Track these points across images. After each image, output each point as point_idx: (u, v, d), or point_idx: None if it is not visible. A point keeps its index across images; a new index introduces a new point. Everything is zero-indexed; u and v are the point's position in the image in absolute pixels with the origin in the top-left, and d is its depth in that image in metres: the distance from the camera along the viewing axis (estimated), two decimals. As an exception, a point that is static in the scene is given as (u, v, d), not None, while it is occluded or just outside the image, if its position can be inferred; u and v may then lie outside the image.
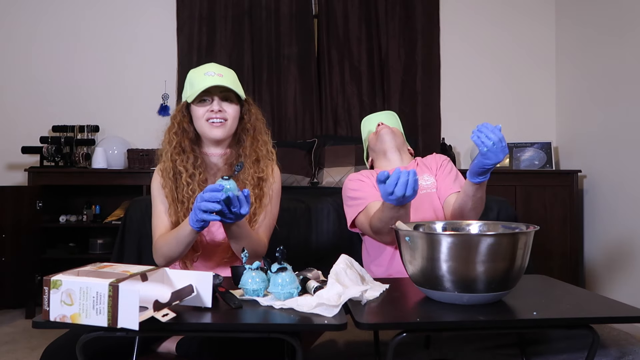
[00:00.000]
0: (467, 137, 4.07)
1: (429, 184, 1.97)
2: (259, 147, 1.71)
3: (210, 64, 1.71)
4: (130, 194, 3.51)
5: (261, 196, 1.68)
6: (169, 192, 1.65)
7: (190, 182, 1.64)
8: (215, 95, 1.65)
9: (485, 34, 4.18)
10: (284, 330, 1.09)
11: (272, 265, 1.22)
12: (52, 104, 3.95)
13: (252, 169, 1.68)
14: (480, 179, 1.56)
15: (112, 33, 4.03)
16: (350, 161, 3.61)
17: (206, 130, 1.66)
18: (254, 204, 1.66)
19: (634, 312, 1.13)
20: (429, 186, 1.95)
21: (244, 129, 1.72)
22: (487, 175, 1.55)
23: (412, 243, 1.19)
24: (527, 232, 1.17)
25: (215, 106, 1.65)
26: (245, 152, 1.70)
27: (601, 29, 3.58)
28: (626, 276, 3.30)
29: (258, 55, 4.05)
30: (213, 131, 1.65)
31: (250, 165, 1.68)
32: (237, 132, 1.72)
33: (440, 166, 2.02)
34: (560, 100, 4.14)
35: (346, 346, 1.71)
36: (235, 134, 1.72)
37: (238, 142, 1.73)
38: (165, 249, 1.55)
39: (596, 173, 3.65)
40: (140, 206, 2.29)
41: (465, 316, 1.10)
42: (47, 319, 1.04)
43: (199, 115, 1.66)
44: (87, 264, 1.18)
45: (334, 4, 4.09)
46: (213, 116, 1.64)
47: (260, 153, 1.70)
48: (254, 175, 1.67)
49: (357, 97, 4.05)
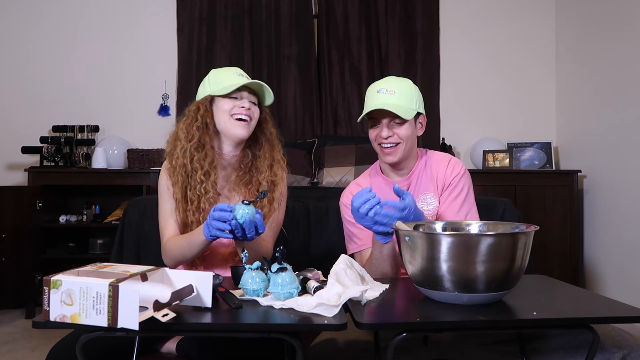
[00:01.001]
0: (467, 137, 4.08)
1: (430, 209, 1.70)
2: (274, 152, 1.74)
3: (234, 68, 1.72)
4: (130, 194, 3.51)
5: (271, 200, 1.69)
6: (178, 189, 1.62)
7: (204, 181, 1.62)
8: (244, 92, 1.66)
9: (485, 34, 4.18)
10: (284, 330, 1.09)
11: (272, 265, 1.22)
12: (52, 104, 3.96)
13: (268, 172, 1.70)
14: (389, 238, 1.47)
15: (112, 33, 4.03)
16: (350, 161, 3.61)
17: (229, 126, 1.64)
18: (267, 206, 1.68)
19: (634, 312, 1.13)
20: (429, 212, 1.69)
21: (264, 132, 1.74)
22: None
23: (412, 243, 1.19)
24: (527, 232, 1.17)
25: (245, 103, 1.64)
26: (260, 153, 1.72)
27: (601, 28, 3.58)
28: (626, 276, 3.30)
29: (258, 55, 4.05)
30: (237, 129, 1.64)
31: (265, 168, 1.70)
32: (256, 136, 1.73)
33: (448, 185, 1.70)
34: (560, 100, 4.14)
35: (346, 346, 1.70)
36: (253, 138, 1.72)
37: (250, 147, 1.73)
38: (177, 253, 1.56)
39: (596, 173, 3.65)
40: (139, 206, 2.29)
41: (465, 316, 1.10)
42: (47, 319, 1.04)
43: (226, 109, 1.64)
44: (87, 264, 1.18)
45: (334, 4, 4.09)
46: (243, 112, 1.63)
47: (275, 158, 1.73)
48: (268, 178, 1.69)
49: (357, 97, 4.05)
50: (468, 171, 1.76)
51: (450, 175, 1.71)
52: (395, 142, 1.69)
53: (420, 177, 1.75)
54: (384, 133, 1.68)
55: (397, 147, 1.69)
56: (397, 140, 1.68)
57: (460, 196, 1.68)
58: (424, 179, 1.74)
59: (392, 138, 1.68)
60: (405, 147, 1.69)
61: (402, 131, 1.68)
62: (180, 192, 1.62)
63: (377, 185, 1.79)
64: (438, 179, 1.72)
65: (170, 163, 1.66)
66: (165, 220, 1.65)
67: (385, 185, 1.77)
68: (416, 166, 1.76)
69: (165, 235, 1.63)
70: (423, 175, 1.75)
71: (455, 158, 1.77)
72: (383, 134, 1.68)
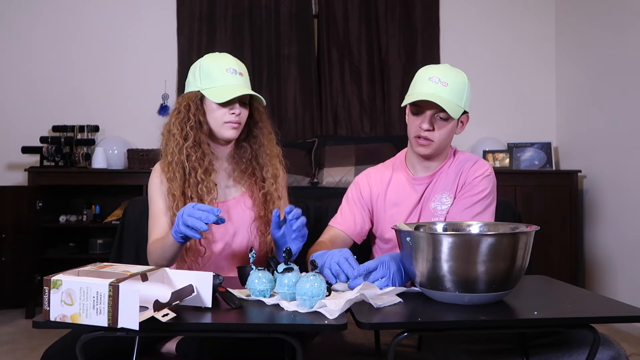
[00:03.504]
0: (467, 137, 4.08)
1: (444, 209, 1.64)
2: (272, 146, 1.73)
3: (227, 57, 1.63)
4: (130, 194, 3.51)
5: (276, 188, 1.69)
6: (177, 185, 1.58)
7: (204, 179, 1.59)
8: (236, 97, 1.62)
9: (485, 34, 4.18)
10: (284, 330, 1.09)
11: (279, 266, 1.22)
12: (52, 104, 3.96)
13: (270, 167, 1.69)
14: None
15: (112, 33, 4.03)
16: (350, 161, 3.61)
17: (221, 130, 1.62)
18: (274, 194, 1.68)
19: (634, 312, 1.13)
20: (442, 212, 1.64)
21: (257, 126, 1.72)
22: None
23: (413, 243, 1.19)
24: (528, 232, 1.17)
25: (236, 109, 1.61)
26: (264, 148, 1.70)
27: (601, 28, 3.58)
28: (626, 276, 3.30)
29: (258, 55, 4.05)
30: (228, 132, 1.62)
31: (268, 162, 1.69)
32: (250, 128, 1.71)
33: (464, 184, 1.64)
34: (560, 100, 4.15)
35: (346, 346, 1.70)
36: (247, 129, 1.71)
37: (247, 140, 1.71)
38: (155, 256, 1.54)
39: (596, 173, 3.65)
40: (139, 206, 2.28)
41: (466, 316, 1.10)
42: (48, 318, 1.04)
43: (218, 115, 1.60)
44: (87, 264, 1.18)
45: (334, 4, 4.09)
46: (233, 119, 1.60)
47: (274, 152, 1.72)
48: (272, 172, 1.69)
49: (357, 97, 4.05)
50: (494, 175, 1.67)
51: (473, 175, 1.63)
52: (432, 139, 1.61)
53: (443, 176, 1.68)
54: (425, 125, 1.58)
55: (431, 143, 1.61)
56: (434, 138, 1.60)
57: (476, 196, 1.60)
58: (446, 179, 1.67)
59: (431, 134, 1.59)
60: (439, 144, 1.62)
61: (443, 129, 1.60)
62: (179, 188, 1.59)
63: (396, 181, 1.73)
64: (460, 179, 1.65)
65: (166, 158, 1.62)
66: (153, 223, 1.62)
67: (406, 182, 1.71)
68: (443, 165, 1.69)
69: (151, 237, 1.60)
70: (446, 175, 1.68)
71: (483, 160, 1.70)
72: (424, 125, 1.58)
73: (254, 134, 1.71)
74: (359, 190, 1.76)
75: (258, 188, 1.69)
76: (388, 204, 1.71)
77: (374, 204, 1.74)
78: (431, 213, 1.65)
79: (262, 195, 1.68)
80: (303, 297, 1.12)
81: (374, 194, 1.74)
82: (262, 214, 1.68)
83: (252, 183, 1.71)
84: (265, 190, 1.68)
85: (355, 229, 1.73)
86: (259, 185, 1.69)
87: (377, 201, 1.73)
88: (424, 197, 1.68)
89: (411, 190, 1.70)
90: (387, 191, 1.73)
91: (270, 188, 1.68)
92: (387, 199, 1.72)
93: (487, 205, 1.62)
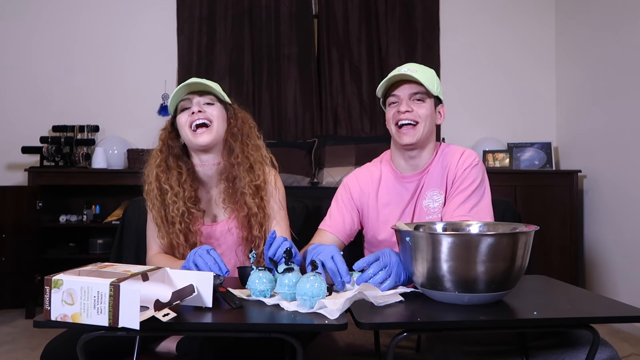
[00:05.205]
0: (467, 137, 4.08)
1: (436, 207, 1.61)
2: (249, 151, 1.63)
3: (191, 79, 1.62)
4: (130, 194, 3.48)
5: (263, 206, 1.62)
6: (157, 212, 1.61)
7: (176, 201, 1.59)
8: (194, 96, 1.60)
9: (485, 34, 4.19)
10: (284, 330, 1.09)
11: (279, 266, 1.22)
12: (52, 104, 3.96)
13: (248, 177, 1.61)
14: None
15: (112, 33, 4.03)
16: (350, 161, 3.61)
17: (191, 137, 1.58)
18: (258, 214, 1.61)
19: (634, 311, 1.13)
20: (435, 210, 1.61)
21: (232, 133, 1.63)
22: None
23: (413, 243, 1.19)
24: (527, 232, 1.17)
25: (194, 107, 1.57)
26: (237, 160, 1.61)
27: (601, 28, 3.58)
28: (626, 276, 3.30)
29: (258, 55, 4.05)
30: (197, 138, 1.57)
31: (245, 173, 1.61)
32: (227, 140, 1.64)
33: (455, 179, 1.60)
34: (560, 100, 4.15)
35: (346, 346, 1.71)
36: (226, 143, 1.64)
37: (230, 152, 1.64)
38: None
39: (596, 173, 3.65)
40: (139, 206, 2.27)
41: (466, 316, 1.10)
42: (48, 318, 1.04)
43: (183, 122, 1.59)
44: (88, 264, 1.18)
45: (334, 4, 4.09)
46: (195, 118, 1.57)
47: (252, 158, 1.63)
48: (250, 184, 1.61)
49: (357, 97, 4.05)
50: (482, 163, 1.64)
51: (462, 167, 1.60)
52: (413, 121, 1.57)
53: (431, 173, 1.64)
54: (403, 107, 1.57)
55: (415, 128, 1.58)
56: (415, 118, 1.57)
57: (468, 189, 1.57)
58: (434, 175, 1.63)
59: (410, 114, 1.57)
60: (423, 129, 1.58)
61: (422, 110, 1.58)
62: (159, 216, 1.61)
63: (386, 180, 1.71)
64: (449, 173, 1.62)
65: (147, 188, 1.66)
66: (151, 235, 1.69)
67: (396, 181, 1.69)
68: (431, 162, 1.65)
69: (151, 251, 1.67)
70: (434, 171, 1.64)
71: (469, 150, 1.65)
72: (402, 107, 1.57)
73: (232, 147, 1.63)
74: (349, 191, 1.74)
75: (241, 210, 1.62)
76: (380, 204, 1.70)
77: (365, 204, 1.72)
78: (424, 211, 1.63)
79: (244, 217, 1.62)
80: (303, 297, 1.12)
81: (364, 194, 1.72)
82: (248, 236, 1.64)
83: (236, 205, 1.63)
84: (246, 213, 1.61)
85: (344, 231, 1.72)
86: (242, 207, 1.62)
87: (369, 201, 1.71)
88: (414, 195, 1.67)
89: (401, 188, 1.68)
90: (378, 190, 1.71)
91: (253, 209, 1.60)
92: (379, 198, 1.70)
93: (482, 193, 1.60)
